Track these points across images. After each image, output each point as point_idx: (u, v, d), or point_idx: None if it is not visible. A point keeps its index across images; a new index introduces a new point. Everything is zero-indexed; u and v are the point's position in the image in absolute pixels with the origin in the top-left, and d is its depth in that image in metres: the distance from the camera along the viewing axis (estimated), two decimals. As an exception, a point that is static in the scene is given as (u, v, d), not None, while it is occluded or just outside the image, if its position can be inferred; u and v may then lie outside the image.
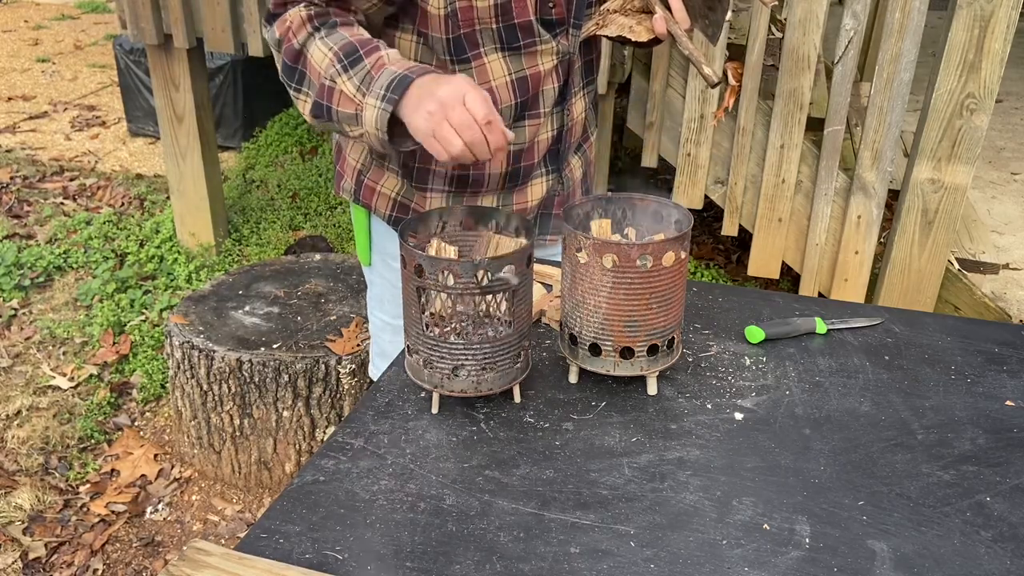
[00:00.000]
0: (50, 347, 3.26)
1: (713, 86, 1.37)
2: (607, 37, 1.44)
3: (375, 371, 1.86)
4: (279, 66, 1.38)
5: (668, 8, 1.37)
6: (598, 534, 1.04)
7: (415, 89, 1.23)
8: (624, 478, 1.13)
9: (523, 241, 1.28)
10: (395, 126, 1.28)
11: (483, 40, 1.40)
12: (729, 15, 1.36)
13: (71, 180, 4.48)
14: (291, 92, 1.38)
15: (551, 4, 1.42)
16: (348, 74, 1.28)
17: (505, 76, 1.44)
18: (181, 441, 2.74)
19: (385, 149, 1.31)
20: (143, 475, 2.70)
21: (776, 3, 1.69)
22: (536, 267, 1.60)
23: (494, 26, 1.39)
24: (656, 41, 1.42)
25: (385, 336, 1.78)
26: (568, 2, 1.44)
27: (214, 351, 2.47)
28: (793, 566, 1.00)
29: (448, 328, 1.24)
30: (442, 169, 1.51)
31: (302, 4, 1.35)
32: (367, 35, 1.33)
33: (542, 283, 1.57)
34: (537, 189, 1.58)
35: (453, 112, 1.18)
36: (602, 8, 1.45)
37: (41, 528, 2.49)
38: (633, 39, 1.40)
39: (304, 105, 1.35)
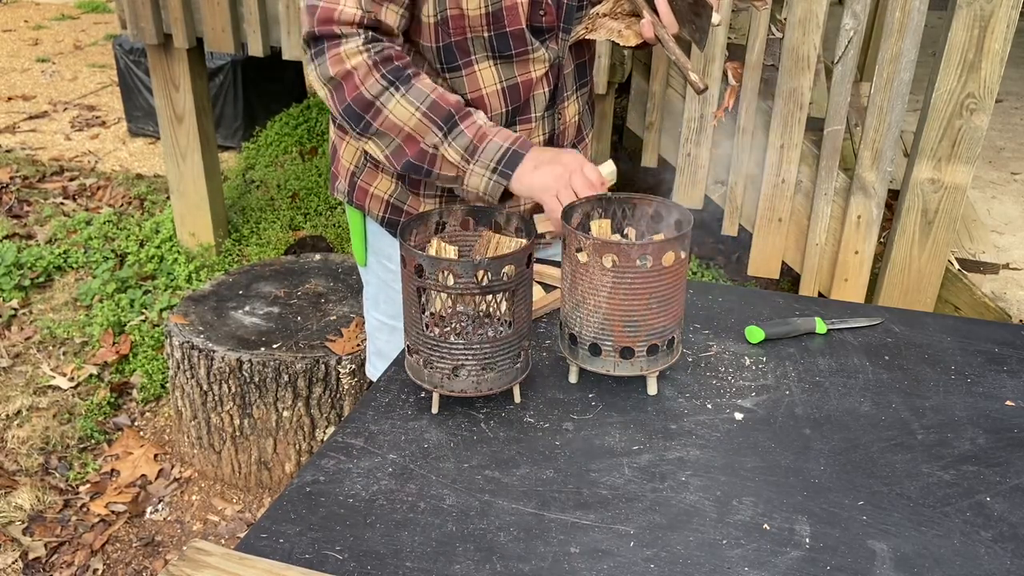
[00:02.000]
0: (50, 347, 3.26)
1: (699, 92, 1.38)
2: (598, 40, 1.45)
3: (372, 370, 1.86)
4: (334, 104, 1.39)
5: (656, 13, 1.38)
6: (598, 534, 1.04)
7: (529, 160, 1.38)
8: (624, 478, 1.13)
9: (523, 241, 1.28)
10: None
11: (474, 48, 1.41)
12: (716, 19, 1.37)
13: (71, 180, 4.48)
14: (353, 134, 1.42)
15: (542, 12, 1.42)
16: (448, 141, 1.38)
17: (496, 84, 1.45)
18: (181, 441, 2.74)
19: (485, 203, 1.42)
20: (143, 475, 2.70)
21: (767, 8, 1.69)
22: (536, 267, 1.60)
23: (486, 34, 1.39)
24: (645, 45, 1.43)
25: (382, 336, 1.78)
26: (559, 9, 1.45)
27: (214, 351, 2.47)
28: (793, 566, 1.00)
29: (448, 328, 1.24)
30: None
31: (358, 39, 1.34)
32: (441, 89, 1.38)
33: (541, 283, 1.57)
34: None
35: (576, 177, 1.36)
36: (592, 12, 1.45)
37: (41, 528, 2.49)
38: (621, 43, 1.41)
39: (377, 151, 1.42)
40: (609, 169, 1.44)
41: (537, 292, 1.52)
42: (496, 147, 1.38)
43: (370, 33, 1.34)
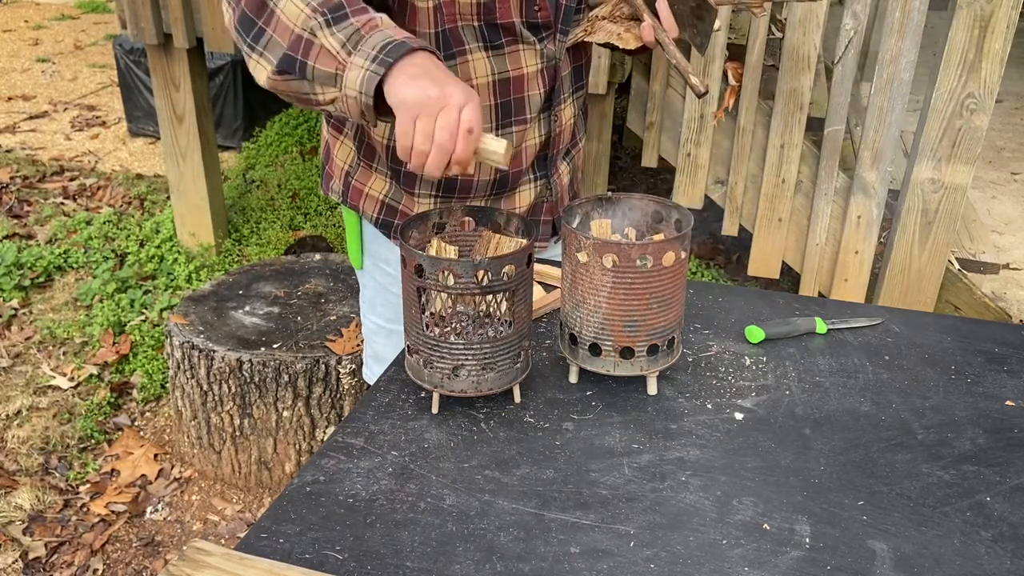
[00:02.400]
0: (50, 347, 3.26)
1: (699, 96, 1.37)
2: (596, 44, 1.44)
3: (369, 374, 1.86)
4: (232, 19, 1.23)
5: (656, 16, 1.37)
6: (598, 534, 1.04)
7: (415, 60, 1.13)
8: (624, 478, 1.13)
9: (523, 241, 1.28)
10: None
11: (466, 37, 1.40)
12: (717, 24, 1.36)
13: (71, 180, 4.48)
14: (243, 49, 1.23)
15: (536, 7, 1.41)
16: (332, 28, 1.15)
17: (488, 76, 1.44)
18: (181, 441, 2.74)
19: (363, 118, 1.18)
20: (143, 475, 2.70)
21: (765, 14, 1.69)
22: (536, 267, 1.60)
23: (476, 23, 1.39)
24: (644, 49, 1.42)
25: (379, 339, 1.77)
26: (555, 7, 1.44)
27: (214, 351, 2.47)
28: (793, 566, 1.00)
29: (448, 328, 1.24)
30: None
31: None
32: None
33: (541, 283, 1.57)
34: (525, 195, 1.58)
35: (447, 112, 1.11)
36: (591, 14, 1.45)
37: (41, 528, 2.49)
38: (621, 46, 1.40)
39: (262, 68, 1.21)
40: (500, 146, 1.16)
41: (537, 292, 1.52)
42: (383, 36, 1.14)
43: None
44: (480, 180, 1.51)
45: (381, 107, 1.16)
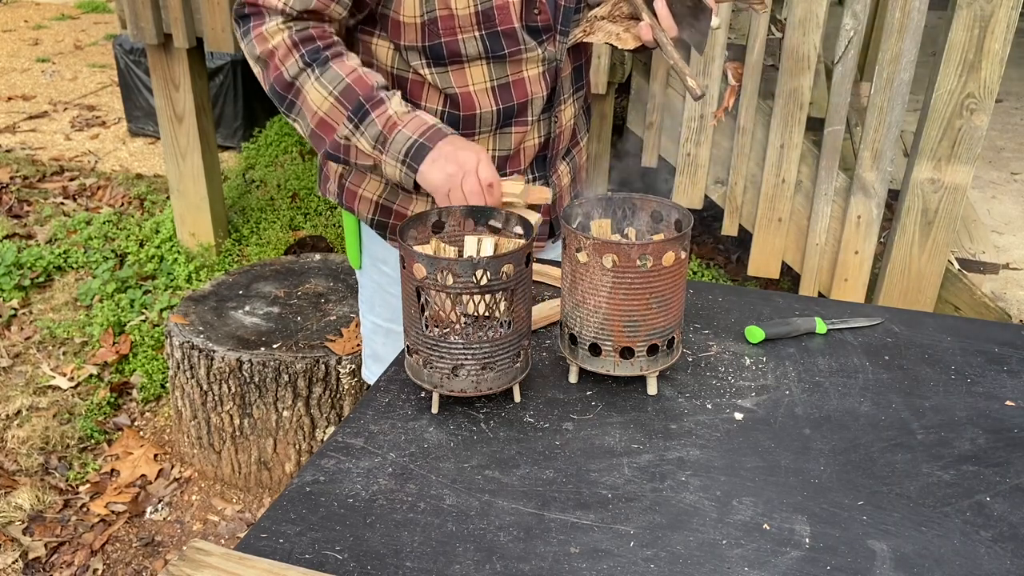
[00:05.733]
0: (50, 347, 3.26)
1: (696, 99, 1.38)
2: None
3: (368, 374, 1.86)
4: (264, 81, 1.41)
5: (655, 16, 1.37)
6: (598, 534, 1.04)
7: (433, 154, 1.35)
8: (624, 478, 1.13)
9: (522, 241, 1.28)
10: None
11: (466, 48, 1.40)
12: (715, 23, 1.36)
13: (71, 180, 4.48)
14: (282, 111, 1.43)
15: (536, 11, 1.41)
16: (359, 132, 1.36)
17: (486, 82, 1.44)
18: (181, 441, 2.74)
19: (405, 190, 1.44)
20: (143, 475, 2.70)
21: (767, 11, 1.69)
22: (536, 267, 1.60)
23: (477, 34, 1.38)
24: (644, 48, 1.42)
25: (377, 339, 1.77)
26: (554, 8, 1.44)
27: (214, 351, 2.47)
28: (793, 566, 1.00)
29: (447, 328, 1.24)
30: None
31: (279, 18, 1.35)
32: (360, 72, 1.36)
33: (540, 284, 1.57)
34: None
35: (468, 179, 1.33)
36: (590, 15, 1.44)
37: (41, 528, 2.49)
38: (620, 46, 1.40)
39: (300, 128, 1.42)
40: (516, 188, 1.39)
41: (538, 311, 1.51)
42: (404, 138, 1.36)
43: (294, 11, 1.35)
44: None
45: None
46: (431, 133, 1.36)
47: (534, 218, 1.36)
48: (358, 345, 2.52)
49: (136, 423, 2.94)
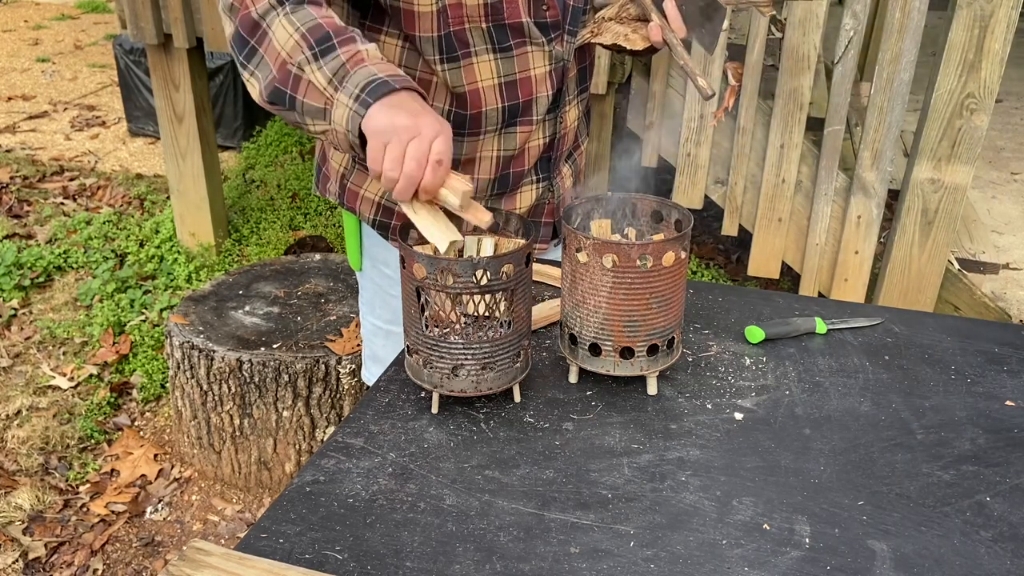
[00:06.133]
0: (50, 347, 3.26)
1: (707, 98, 1.37)
2: (602, 45, 1.43)
3: (368, 375, 1.86)
4: (229, 33, 1.25)
5: (664, 16, 1.36)
6: (598, 534, 1.04)
7: (395, 98, 1.14)
8: (624, 478, 1.13)
9: (522, 240, 1.28)
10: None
11: (473, 39, 1.39)
12: (726, 24, 1.35)
13: (71, 180, 4.48)
14: (238, 66, 1.25)
15: (544, 7, 1.41)
16: (318, 63, 1.16)
17: (493, 79, 1.43)
18: (181, 441, 2.74)
19: (351, 150, 1.21)
20: (143, 475, 2.70)
21: (774, 11, 1.69)
22: (536, 267, 1.60)
23: (484, 25, 1.37)
24: (652, 50, 1.41)
25: (377, 340, 1.77)
26: (563, 7, 1.43)
27: (214, 351, 2.47)
28: (793, 566, 1.00)
29: (447, 328, 1.24)
30: None
31: None
32: (339, 21, 1.23)
33: (540, 284, 1.57)
34: (527, 196, 1.57)
35: (419, 142, 1.12)
36: (597, 16, 1.44)
37: (41, 528, 2.49)
38: (628, 47, 1.39)
39: (254, 86, 1.23)
40: (459, 188, 1.16)
41: (538, 311, 1.51)
42: (368, 74, 1.15)
43: None
44: (480, 179, 1.51)
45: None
46: (401, 79, 1.16)
47: (473, 219, 1.18)
48: (358, 345, 2.52)
49: (136, 423, 2.94)
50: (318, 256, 3.08)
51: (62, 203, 4.24)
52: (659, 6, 1.37)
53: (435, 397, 1.24)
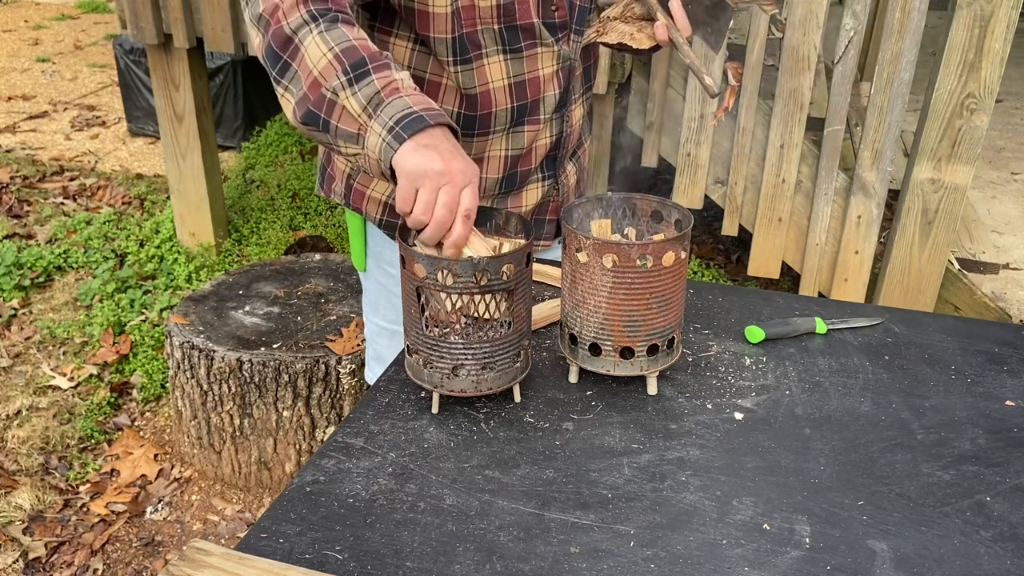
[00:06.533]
0: (50, 347, 3.26)
1: (713, 96, 1.36)
2: (607, 44, 1.43)
3: (371, 376, 1.86)
4: (260, 47, 1.24)
5: (670, 15, 1.37)
6: (598, 534, 1.04)
7: (428, 136, 1.14)
8: (624, 478, 1.13)
9: (522, 241, 1.28)
10: None
11: (485, 41, 1.39)
12: (731, 23, 1.35)
13: (71, 180, 4.48)
14: (273, 82, 1.25)
15: (553, 7, 1.42)
16: (352, 88, 1.16)
17: (504, 79, 1.44)
18: (181, 441, 2.74)
19: (383, 178, 1.20)
20: (143, 475, 2.71)
21: (776, 11, 1.69)
22: (536, 267, 1.60)
23: (496, 27, 1.38)
24: (656, 48, 1.41)
25: (381, 341, 1.77)
26: (571, 6, 1.44)
27: (214, 351, 2.47)
28: (793, 566, 1.00)
29: (447, 328, 1.24)
30: None
31: None
32: (372, 44, 1.22)
33: (540, 285, 1.57)
34: (532, 194, 1.58)
35: (450, 189, 1.12)
36: (602, 15, 1.44)
37: (41, 528, 2.49)
38: (634, 46, 1.39)
39: (288, 104, 1.23)
40: (484, 247, 1.19)
41: (538, 311, 1.51)
42: (403, 106, 1.14)
43: None
44: (488, 179, 1.51)
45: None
46: (435, 114, 1.15)
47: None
48: (358, 345, 2.52)
49: (136, 423, 2.94)
50: (318, 256, 3.08)
51: (62, 203, 4.24)
52: (664, 5, 1.37)
53: (435, 397, 1.24)
